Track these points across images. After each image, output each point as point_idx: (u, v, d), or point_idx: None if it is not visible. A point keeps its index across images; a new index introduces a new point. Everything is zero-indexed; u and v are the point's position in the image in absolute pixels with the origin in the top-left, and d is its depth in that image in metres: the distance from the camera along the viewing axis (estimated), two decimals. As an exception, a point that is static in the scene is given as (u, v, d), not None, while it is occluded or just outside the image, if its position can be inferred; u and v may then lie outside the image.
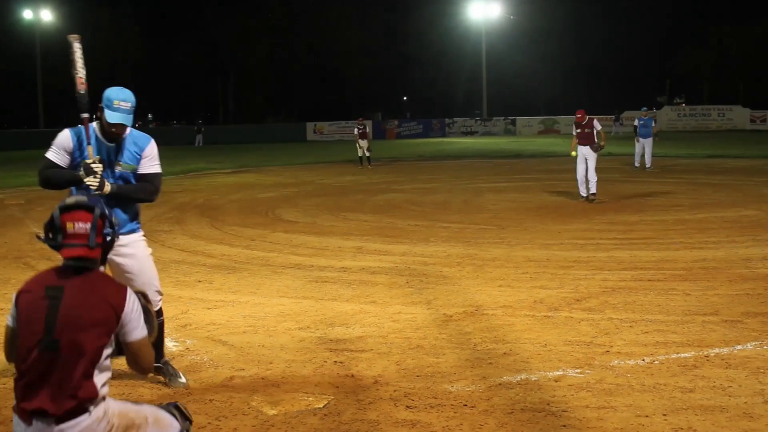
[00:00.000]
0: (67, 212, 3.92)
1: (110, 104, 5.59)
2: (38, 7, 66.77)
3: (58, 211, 3.93)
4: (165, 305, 8.66)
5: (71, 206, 3.94)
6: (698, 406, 5.42)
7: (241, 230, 14.70)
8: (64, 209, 3.93)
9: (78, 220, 3.90)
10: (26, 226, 15.79)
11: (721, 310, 7.92)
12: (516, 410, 5.45)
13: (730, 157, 31.92)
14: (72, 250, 3.86)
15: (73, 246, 3.86)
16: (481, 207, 17.72)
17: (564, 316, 7.91)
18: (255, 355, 6.85)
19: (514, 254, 11.52)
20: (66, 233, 3.88)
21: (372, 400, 5.71)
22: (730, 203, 16.94)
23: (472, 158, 37.20)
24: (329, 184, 24.90)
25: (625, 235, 13.09)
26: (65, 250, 3.87)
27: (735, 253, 11.11)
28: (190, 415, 4.30)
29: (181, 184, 25.20)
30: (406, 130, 67.37)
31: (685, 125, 64.57)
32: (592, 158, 17.68)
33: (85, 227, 3.88)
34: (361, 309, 8.43)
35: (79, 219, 3.90)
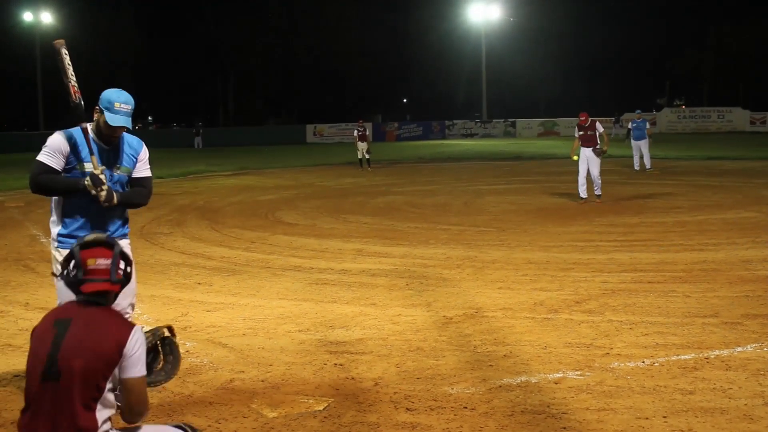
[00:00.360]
0: (87, 249, 4.00)
1: (111, 107, 5.40)
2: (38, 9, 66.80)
3: (78, 247, 4.00)
4: (165, 308, 8.73)
5: (91, 243, 4.03)
6: (698, 408, 5.42)
7: (241, 232, 14.70)
8: (83, 246, 4.01)
9: (99, 256, 3.98)
10: (26, 229, 15.79)
11: (721, 312, 7.92)
12: (516, 412, 5.45)
13: (730, 159, 31.92)
14: (94, 285, 3.94)
15: (95, 281, 3.94)
16: (481, 209, 17.72)
17: (564, 318, 7.91)
18: (255, 357, 6.85)
19: (514, 256, 11.52)
20: (87, 269, 3.94)
21: (372, 403, 5.70)
22: (730, 205, 16.94)
23: (472, 160, 37.22)
24: (329, 187, 24.91)
25: (625, 237, 13.09)
26: (87, 285, 3.94)
27: (735, 254, 11.11)
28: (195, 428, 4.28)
29: (181, 187, 25.21)
30: (405, 132, 67.39)
31: (685, 127, 64.59)
32: (594, 162, 17.71)
33: (106, 263, 3.97)
34: (361, 311, 8.43)
35: (99, 255, 3.98)
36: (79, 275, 3.96)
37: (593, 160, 17.73)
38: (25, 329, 7.85)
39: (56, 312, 4.05)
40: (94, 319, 3.92)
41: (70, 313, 3.95)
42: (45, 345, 3.84)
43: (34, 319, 8.15)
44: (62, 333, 3.84)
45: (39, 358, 3.83)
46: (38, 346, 3.87)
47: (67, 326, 3.86)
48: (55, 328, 3.87)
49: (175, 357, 4.78)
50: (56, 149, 5.42)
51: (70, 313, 3.95)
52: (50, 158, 5.40)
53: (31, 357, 3.89)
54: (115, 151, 5.58)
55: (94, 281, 3.95)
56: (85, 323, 3.88)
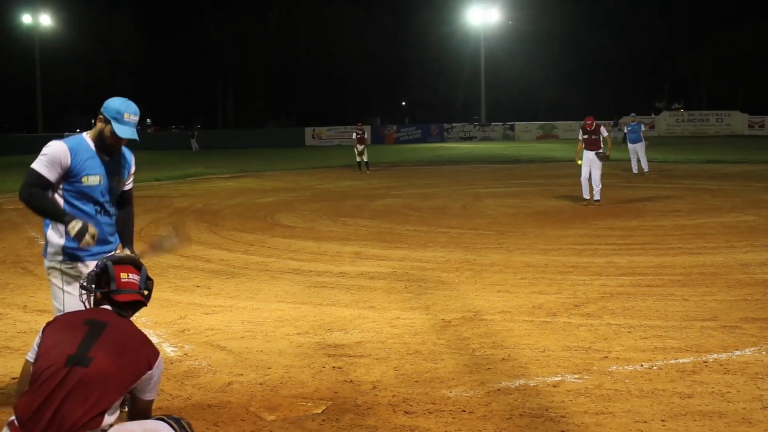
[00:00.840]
0: (118, 264, 4.43)
1: (119, 117, 5.20)
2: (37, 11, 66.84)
3: (111, 263, 4.41)
4: (163, 310, 8.72)
5: (121, 259, 4.52)
6: (697, 412, 5.42)
7: (240, 235, 14.70)
8: (116, 262, 4.44)
9: (130, 271, 4.43)
10: (24, 231, 15.78)
11: (720, 316, 7.92)
12: (514, 416, 5.45)
13: (729, 163, 31.93)
14: (128, 295, 4.36)
15: (129, 292, 4.36)
16: (480, 212, 17.72)
17: (562, 321, 7.91)
18: (253, 360, 6.85)
19: (512, 259, 11.52)
20: (120, 282, 4.34)
21: (370, 406, 5.70)
22: (728, 208, 16.94)
23: (471, 163, 37.22)
24: (328, 189, 24.91)
25: (624, 240, 13.09)
26: (122, 295, 4.32)
27: (733, 258, 11.11)
28: (186, 422, 4.30)
29: (180, 189, 25.21)
30: (404, 135, 67.42)
31: (684, 130, 64.62)
32: (597, 165, 17.79)
33: (136, 278, 4.42)
34: (359, 314, 8.43)
35: (130, 271, 4.43)
36: (113, 287, 4.31)
37: (596, 163, 17.81)
38: (23, 332, 7.85)
39: (85, 313, 4.24)
40: (131, 332, 4.21)
41: (105, 318, 4.17)
42: (75, 337, 4.00)
43: (32, 322, 8.18)
44: (98, 332, 4.05)
45: (66, 345, 3.95)
46: (64, 337, 4.00)
47: (102, 328, 4.08)
48: (86, 326, 4.07)
49: None
50: (55, 160, 5.17)
51: (105, 318, 4.17)
52: (46, 168, 5.17)
53: (52, 343, 4.00)
54: (116, 162, 5.43)
55: (129, 292, 4.34)
56: (120, 331, 4.14)
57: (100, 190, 5.31)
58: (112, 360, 3.95)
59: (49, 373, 3.87)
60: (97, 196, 5.30)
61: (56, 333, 4.05)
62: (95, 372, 3.88)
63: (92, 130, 5.40)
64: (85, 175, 5.22)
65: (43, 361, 3.94)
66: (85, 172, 5.22)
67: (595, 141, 17.95)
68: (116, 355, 3.98)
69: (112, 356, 3.96)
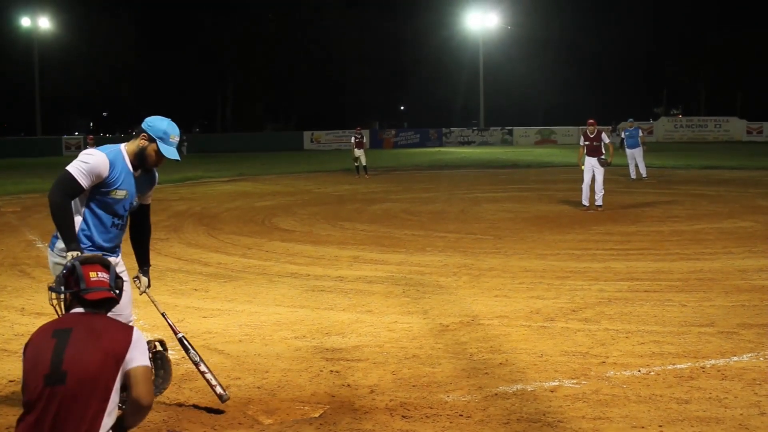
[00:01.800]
0: (86, 264, 4.35)
1: (166, 138, 5.32)
2: (36, 14, 66.84)
3: (78, 263, 4.34)
4: (161, 314, 8.69)
5: (89, 259, 4.45)
6: (694, 418, 5.43)
7: (238, 239, 14.70)
8: (84, 262, 4.37)
9: (98, 270, 4.35)
10: (22, 234, 15.77)
11: (717, 322, 7.93)
12: (512, 421, 5.45)
13: (727, 169, 31.96)
14: (98, 293, 4.26)
15: (100, 290, 4.27)
16: (478, 217, 17.73)
17: (560, 326, 7.91)
18: (251, 364, 6.85)
19: (510, 264, 11.53)
20: (89, 281, 4.26)
21: (368, 410, 5.70)
22: (726, 214, 16.95)
23: (469, 168, 37.24)
24: (326, 193, 24.91)
25: (622, 245, 13.10)
26: (91, 293, 4.24)
27: (731, 264, 11.13)
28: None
29: (178, 193, 25.21)
30: (403, 139, 67.44)
31: (682, 136, 64.64)
32: (600, 171, 17.84)
33: (106, 276, 4.33)
34: (357, 318, 8.44)
35: (99, 270, 4.35)
36: (82, 286, 4.23)
37: (599, 169, 17.86)
38: (20, 334, 7.84)
39: (53, 324, 4.17)
40: (95, 325, 4.12)
41: (70, 324, 4.11)
42: (46, 353, 3.94)
43: (29, 325, 8.16)
44: (64, 340, 3.98)
45: (41, 365, 3.92)
46: (37, 355, 3.96)
47: (68, 335, 4.01)
48: (54, 338, 4.00)
49: (166, 371, 4.84)
50: (94, 171, 5.19)
51: (70, 324, 4.11)
52: (83, 176, 5.17)
53: (30, 366, 3.97)
54: (144, 178, 5.55)
55: (99, 290, 4.25)
56: (86, 329, 4.06)
57: (123, 205, 5.43)
58: (86, 364, 3.90)
59: (33, 398, 3.88)
60: (120, 210, 5.44)
61: (31, 353, 4.01)
62: (73, 384, 3.86)
63: (131, 144, 5.45)
64: (116, 188, 5.32)
65: (26, 386, 3.95)
66: (116, 186, 5.31)
67: (597, 147, 17.99)
68: (88, 357, 3.93)
69: (84, 361, 3.91)
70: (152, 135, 5.34)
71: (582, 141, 18.36)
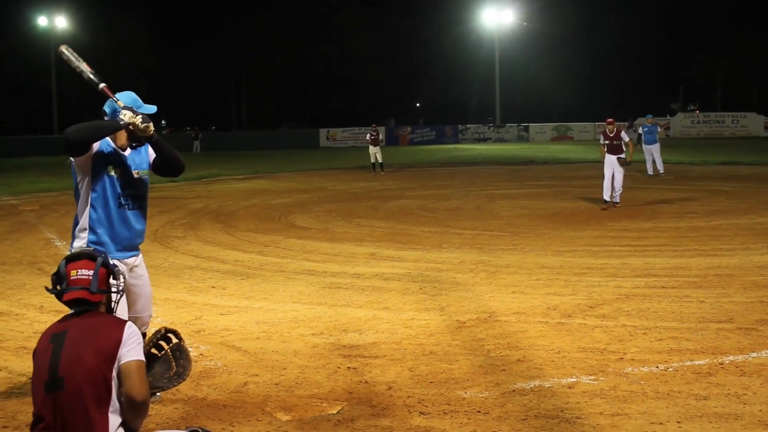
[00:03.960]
0: (72, 261, 4.22)
1: (138, 103, 5.43)
2: (53, 14, 67.14)
3: (64, 261, 4.22)
4: (179, 311, 8.77)
5: (76, 255, 4.27)
6: (713, 414, 5.41)
7: (255, 236, 14.74)
8: (69, 259, 4.23)
9: (81, 267, 4.17)
10: (41, 232, 15.86)
11: (736, 318, 7.89)
12: (530, 417, 5.45)
13: (744, 165, 31.78)
14: (72, 293, 4.13)
15: (73, 289, 4.13)
16: (495, 213, 17.70)
17: (577, 322, 7.90)
18: (269, 361, 6.87)
19: (527, 261, 11.51)
20: (69, 280, 4.14)
21: (385, 407, 5.71)
22: (744, 210, 16.86)
23: (485, 165, 37.16)
24: (342, 191, 24.93)
25: (639, 242, 13.06)
26: (66, 294, 4.14)
27: (749, 260, 11.07)
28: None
29: (194, 191, 25.28)
30: (418, 136, 67.35)
31: (699, 132, 64.30)
32: (619, 169, 17.80)
33: (87, 273, 4.16)
34: (374, 315, 8.44)
35: (81, 267, 4.18)
36: (63, 286, 4.15)
37: (618, 166, 17.80)
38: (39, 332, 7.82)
39: (51, 328, 4.17)
40: (88, 324, 4.07)
41: (65, 326, 4.09)
42: (45, 360, 3.97)
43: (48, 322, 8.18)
44: (60, 344, 3.98)
45: (41, 372, 3.96)
46: (39, 363, 4.01)
47: (62, 339, 4.00)
48: (51, 343, 4.01)
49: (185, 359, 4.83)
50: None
51: (65, 326, 4.09)
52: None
53: (35, 374, 4.02)
54: (137, 152, 5.58)
55: (72, 289, 4.12)
56: (79, 329, 4.03)
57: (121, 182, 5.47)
58: (79, 366, 3.89)
59: (39, 408, 3.93)
60: (119, 187, 5.47)
61: (35, 361, 4.05)
62: (72, 389, 3.86)
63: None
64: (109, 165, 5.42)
65: (33, 396, 3.99)
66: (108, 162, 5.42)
67: (617, 146, 17.97)
68: (81, 359, 3.90)
69: (77, 363, 3.89)
70: (128, 107, 5.32)
71: (602, 140, 18.35)
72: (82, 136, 5.13)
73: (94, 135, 5.22)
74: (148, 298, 5.80)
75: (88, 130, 5.17)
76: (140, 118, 5.19)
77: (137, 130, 5.22)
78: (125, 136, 5.47)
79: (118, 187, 5.43)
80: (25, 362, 6.91)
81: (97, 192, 5.39)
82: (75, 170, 5.41)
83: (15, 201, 22.91)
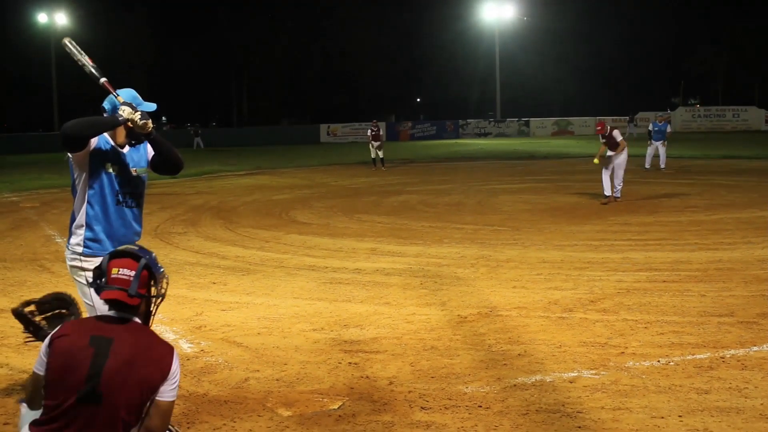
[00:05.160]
0: (115, 258, 4.02)
1: (138, 100, 5.34)
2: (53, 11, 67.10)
3: (108, 257, 4.03)
4: (180, 307, 8.76)
5: (120, 253, 4.05)
6: (714, 408, 5.41)
7: (255, 232, 14.73)
8: (113, 255, 4.04)
9: (123, 266, 3.97)
10: (41, 229, 15.86)
11: (737, 312, 7.89)
12: (531, 411, 5.45)
13: (745, 158, 31.77)
14: (110, 292, 3.94)
15: (111, 289, 3.93)
16: (495, 208, 17.70)
17: (579, 317, 7.90)
18: (270, 356, 6.87)
19: (528, 255, 11.50)
20: (110, 277, 3.94)
21: (387, 402, 5.71)
22: (745, 204, 16.85)
23: (486, 159, 37.16)
24: (343, 186, 24.92)
25: (640, 236, 13.05)
26: (104, 292, 3.94)
27: (750, 254, 11.07)
28: None
29: (195, 186, 25.27)
30: (419, 131, 67.34)
31: (700, 126, 64.33)
32: (619, 165, 17.79)
33: (128, 274, 3.95)
34: (375, 310, 8.44)
35: (124, 266, 3.98)
36: (103, 282, 3.97)
37: (619, 162, 17.79)
38: (41, 328, 7.87)
39: (88, 325, 3.97)
40: (137, 342, 3.87)
41: (110, 332, 3.86)
42: (82, 363, 3.72)
43: (49, 319, 8.20)
44: (104, 354, 3.75)
45: (74, 376, 3.71)
46: (71, 361, 3.74)
47: (108, 346, 3.78)
48: (92, 347, 3.77)
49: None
50: None
51: (110, 332, 3.86)
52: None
53: (60, 369, 3.75)
54: (136, 150, 5.52)
55: (111, 289, 3.93)
56: (129, 345, 3.82)
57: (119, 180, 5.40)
58: (122, 390, 3.71)
59: (59, 408, 3.70)
60: (116, 185, 5.39)
61: (64, 356, 3.76)
62: (109, 408, 3.69)
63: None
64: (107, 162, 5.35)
65: (52, 391, 3.75)
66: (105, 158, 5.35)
67: (614, 144, 17.98)
68: (126, 383, 3.72)
69: (121, 386, 3.71)
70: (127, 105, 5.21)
71: (601, 138, 18.41)
72: (79, 131, 5.09)
73: (91, 130, 5.18)
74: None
75: (86, 125, 5.14)
76: (139, 114, 5.15)
77: (135, 126, 5.19)
78: (124, 134, 5.43)
79: (116, 185, 5.38)
80: (26, 359, 6.91)
81: (95, 189, 5.34)
82: (73, 166, 5.37)
83: (16, 198, 22.90)
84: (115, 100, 5.34)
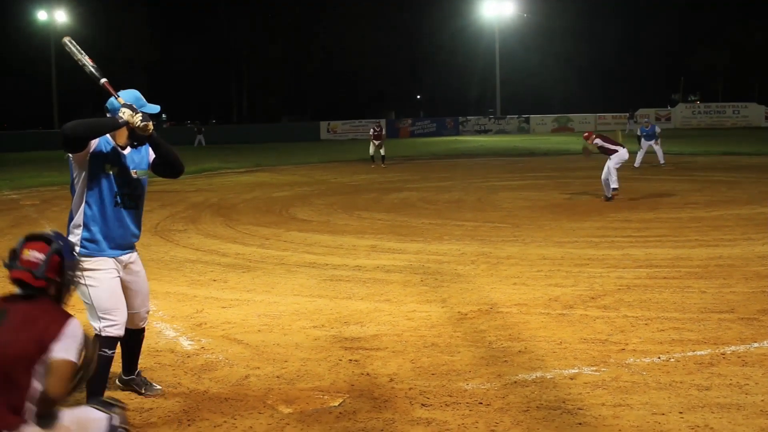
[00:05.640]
0: (29, 241, 4.10)
1: (141, 102, 5.37)
2: (52, 8, 67.06)
3: (24, 239, 4.11)
4: (180, 304, 8.76)
5: (35, 236, 4.14)
6: (715, 404, 5.40)
7: (256, 229, 14.73)
8: (28, 238, 4.12)
9: (34, 248, 4.05)
10: (41, 227, 15.83)
11: (738, 308, 7.88)
12: (531, 408, 5.44)
13: (746, 155, 31.76)
14: (16, 272, 4.01)
15: (19, 269, 4.00)
16: (496, 205, 17.70)
17: (579, 314, 7.89)
18: (270, 353, 6.86)
19: (528, 252, 11.50)
20: (21, 258, 4.01)
21: (387, 399, 5.70)
22: (745, 200, 16.86)
23: (486, 156, 37.16)
24: (343, 183, 24.92)
25: (640, 232, 13.05)
26: (12, 271, 4.02)
27: (751, 250, 11.06)
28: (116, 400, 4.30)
29: (195, 184, 25.26)
30: (419, 128, 67.32)
31: (700, 122, 64.31)
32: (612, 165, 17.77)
33: (38, 257, 4.02)
34: (375, 307, 8.44)
35: (35, 248, 4.05)
36: (14, 263, 4.04)
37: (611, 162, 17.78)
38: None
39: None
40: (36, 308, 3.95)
41: (7, 304, 3.98)
42: None
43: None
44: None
45: None
46: None
47: (3, 316, 3.89)
48: None
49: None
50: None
51: (7, 304, 3.98)
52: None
53: None
54: (137, 151, 5.54)
55: (18, 269, 4.00)
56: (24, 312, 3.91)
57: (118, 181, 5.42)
58: (13, 343, 3.76)
59: None
60: (115, 186, 5.42)
61: None
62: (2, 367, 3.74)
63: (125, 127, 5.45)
64: (106, 163, 5.37)
65: None
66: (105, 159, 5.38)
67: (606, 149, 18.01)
68: (18, 336, 3.78)
69: (13, 341, 3.76)
70: (130, 106, 5.26)
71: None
72: (79, 132, 5.11)
73: (91, 132, 5.20)
74: (145, 295, 5.77)
75: (86, 126, 5.15)
76: (139, 116, 5.15)
77: (136, 128, 5.19)
78: (126, 135, 5.42)
79: (115, 186, 5.38)
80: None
81: (93, 189, 5.35)
82: (72, 165, 5.36)
83: (16, 195, 22.90)
84: (115, 102, 5.33)
